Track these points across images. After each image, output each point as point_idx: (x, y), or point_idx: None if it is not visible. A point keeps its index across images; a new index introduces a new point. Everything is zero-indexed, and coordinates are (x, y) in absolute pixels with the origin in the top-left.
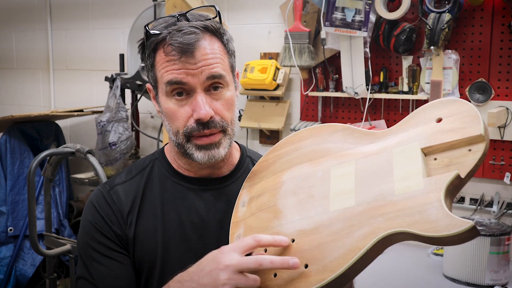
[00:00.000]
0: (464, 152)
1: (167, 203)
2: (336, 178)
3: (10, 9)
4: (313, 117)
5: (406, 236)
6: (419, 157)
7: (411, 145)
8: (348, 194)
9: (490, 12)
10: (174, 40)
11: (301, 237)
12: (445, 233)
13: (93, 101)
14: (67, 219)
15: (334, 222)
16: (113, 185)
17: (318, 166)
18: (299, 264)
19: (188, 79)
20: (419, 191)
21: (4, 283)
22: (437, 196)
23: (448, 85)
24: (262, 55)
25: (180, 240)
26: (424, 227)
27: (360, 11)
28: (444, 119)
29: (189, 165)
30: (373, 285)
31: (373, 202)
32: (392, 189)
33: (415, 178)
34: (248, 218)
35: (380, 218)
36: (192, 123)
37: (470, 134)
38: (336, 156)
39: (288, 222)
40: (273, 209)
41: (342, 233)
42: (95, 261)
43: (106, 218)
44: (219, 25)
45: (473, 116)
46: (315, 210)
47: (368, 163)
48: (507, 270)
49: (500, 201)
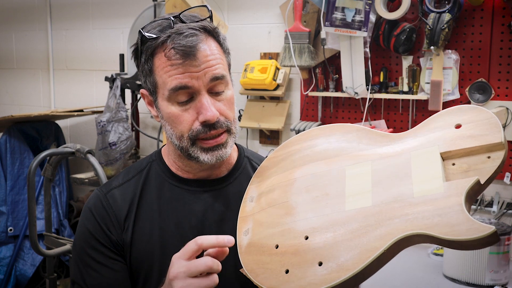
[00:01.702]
0: (483, 159)
1: (164, 205)
2: (351, 177)
3: (10, 9)
4: (313, 117)
5: (424, 238)
6: (438, 161)
7: (430, 149)
8: (365, 194)
9: (490, 12)
10: (177, 43)
11: (315, 235)
12: (466, 237)
13: (93, 101)
14: (67, 219)
15: (350, 221)
16: (110, 189)
17: (333, 165)
18: (233, 240)
19: (192, 83)
20: (439, 195)
21: (4, 283)
22: (458, 200)
23: (448, 85)
24: (262, 55)
25: (179, 242)
26: (444, 230)
27: (360, 11)
28: (464, 125)
29: (189, 167)
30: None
31: (391, 204)
32: (410, 191)
33: (435, 182)
34: (257, 214)
35: (398, 220)
36: (198, 126)
37: (490, 142)
38: (351, 156)
39: (301, 219)
40: (285, 206)
41: (358, 232)
42: (90, 268)
43: (102, 225)
44: (214, 25)
45: (494, 124)
46: (330, 208)
47: (385, 164)
48: (507, 270)
49: (500, 201)
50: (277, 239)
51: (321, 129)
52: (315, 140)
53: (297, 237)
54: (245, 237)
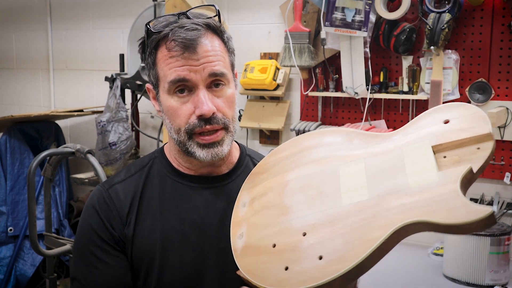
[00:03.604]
0: (473, 150)
1: (166, 201)
2: (345, 175)
3: (10, 9)
4: (313, 117)
5: (423, 226)
6: (430, 153)
7: (421, 143)
8: (360, 189)
9: (490, 12)
10: (177, 36)
11: (313, 231)
12: (465, 220)
13: (93, 101)
14: (67, 219)
15: (348, 215)
16: (112, 184)
17: (325, 165)
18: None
19: (191, 76)
20: (434, 183)
21: (4, 283)
22: (454, 187)
23: (448, 85)
24: (262, 55)
25: (180, 238)
26: (443, 215)
27: (360, 11)
28: (452, 120)
29: (189, 164)
30: (373, 285)
31: (387, 196)
32: (406, 183)
33: (429, 172)
34: (251, 217)
35: (396, 210)
36: (194, 120)
37: (478, 133)
38: (344, 156)
39: (297, 217)
40: (280, 207)
41: (357, 225)
42: (91, 265)
43: (105, 221)
44: (220, 24)
45: (481, 117)
46: (326, 205)
47: (378, 161)
48: (507, 270)
49: (500, 201)
50: (274, 238)
51: (311, 134)
52: (305, 145)
53: (294, 235)
54: (240, 241)
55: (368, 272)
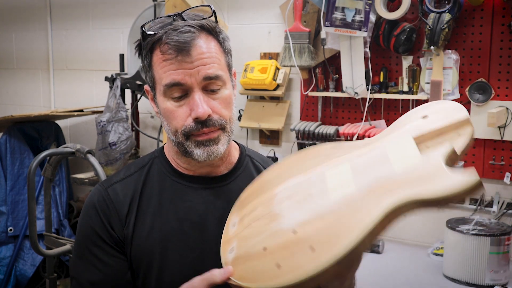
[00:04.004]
0: (454, 136)
1: (166, 201)
2: (332, 176)
3: (10, 9)
4: (313, 117)
5: (412, 206)
6: (412, 142)
7: (402, 134)
8: (347, 183)
9: (490, 12)
10: (170, 39)
11: (303, 227)
12: (454, 190)
13: (93, 101)
14: (67, 219)
15: (338, 207)
16: (111, 183)
17: (311, 173)
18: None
19: (186, 79)
20: (418, 164)
21: (4, 283)
22: (438, 163)
23: (448, 85)
24: (262, 55)
25: (179, 238)
26: (431, 191)
27: (360, 11)
28: (430, 115)
29: (188, 164)
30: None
31: (374, 184)
32: (391, 169)
33: (413, 157)
34: (241, 232)
35: (385, 195)
36: (191, 122)
37: (457, 120)
38: (329, 163)
39: (286, 220)
40: (269, 215)
41: (347, 215)
42: (90, 265)
43: (105, 221)
44: (215, 24)
45: (458, 108)
46: (315, 203)
47: (362, 159)
48: (507, 270)
49: (500, 201)
50: (264, 243)
51: (294, 154)
52: (289, 163)
53: (284, 234)
54: (230, 254)
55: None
